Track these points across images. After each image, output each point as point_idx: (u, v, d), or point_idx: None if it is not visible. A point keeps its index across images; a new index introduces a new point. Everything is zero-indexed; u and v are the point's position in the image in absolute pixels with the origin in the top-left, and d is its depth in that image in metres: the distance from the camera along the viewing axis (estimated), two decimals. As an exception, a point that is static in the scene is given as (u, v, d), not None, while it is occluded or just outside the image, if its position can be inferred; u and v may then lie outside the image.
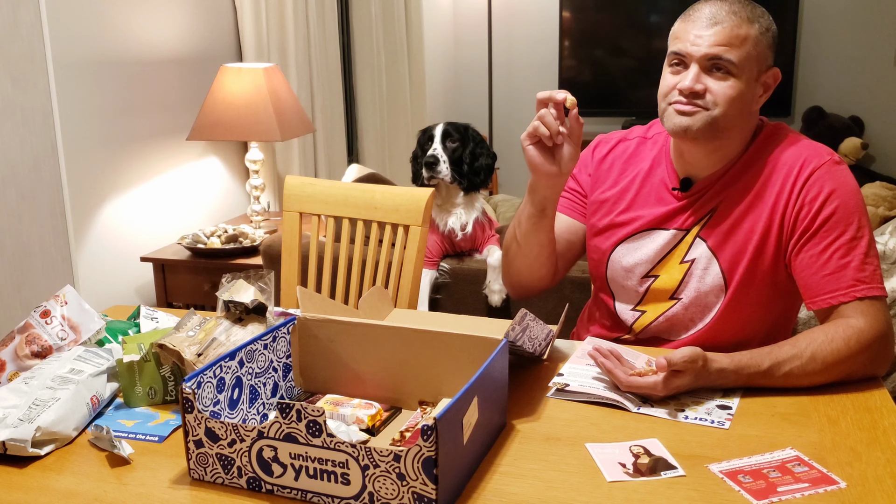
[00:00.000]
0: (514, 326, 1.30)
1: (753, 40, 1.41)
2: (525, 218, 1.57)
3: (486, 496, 1.07)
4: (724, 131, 1.45)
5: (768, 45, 1.44)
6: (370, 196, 2.10)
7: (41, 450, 1.20)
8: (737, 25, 1.40)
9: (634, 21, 5.52)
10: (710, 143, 1.47)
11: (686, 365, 1.28)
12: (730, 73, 1.41)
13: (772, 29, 1.45)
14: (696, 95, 1.42)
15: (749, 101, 1.45)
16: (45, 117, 2.47)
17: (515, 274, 1.67)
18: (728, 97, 1.41)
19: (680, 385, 1.30)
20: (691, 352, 1.28)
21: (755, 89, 1.45)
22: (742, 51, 1.40)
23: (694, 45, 1.42)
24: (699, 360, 1.29)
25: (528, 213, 1.56)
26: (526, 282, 1.67)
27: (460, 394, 1.04)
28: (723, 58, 1.40)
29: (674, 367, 1.27)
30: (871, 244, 1.41)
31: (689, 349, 1.29)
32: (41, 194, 2.47)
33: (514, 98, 5.97)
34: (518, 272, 1.66)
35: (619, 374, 1.32)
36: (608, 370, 1.34)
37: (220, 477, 1.11)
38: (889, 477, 1.08)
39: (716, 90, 1.42)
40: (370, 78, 4.43)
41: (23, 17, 2.37)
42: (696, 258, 1.52)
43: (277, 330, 1.34)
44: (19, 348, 1.42)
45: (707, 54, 1.41)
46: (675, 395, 1.31)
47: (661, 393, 1.29)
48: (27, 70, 2.40)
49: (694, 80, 1.42)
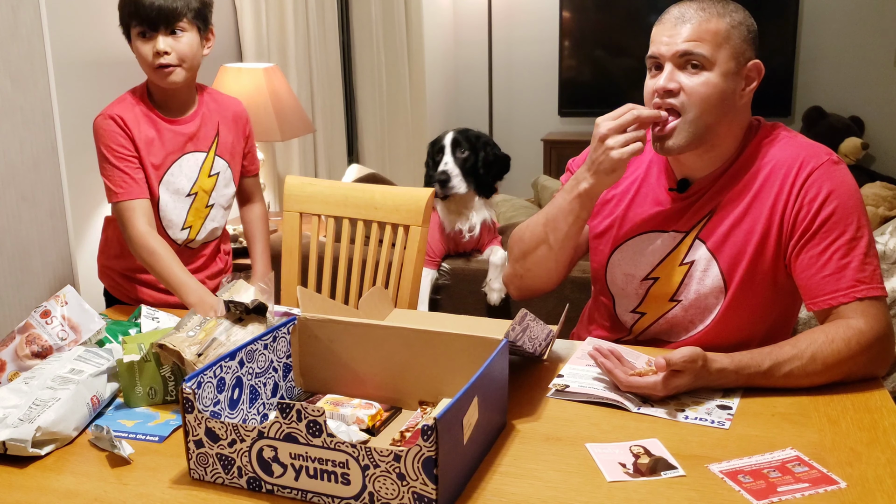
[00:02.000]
0: (514, 326, 1.30)
1: (724, 34, 1.42)
2: (569, 222, 1.53)
3: (486, 496, 1.07)
4: (707, 133, 1.45)
5: (743, 39, 1.44)
6: (370, 196, 2.10)
7: (41, 450, 1.20)
8: (705, 20, 1.42)
9: (634, 21, 5.52)
10: (700, 146, 1.48)
11: (685, 365, 1.28)
12: (703, 66, 1.42)
13: (745, 23, 1.45)
14: (671, 94, 1.44)
15: (730, 94, 1.44)
16: (45, 117, 2.47)
17: (535, 278, 1.64)
18: (702, 92, 1.42)
19: (680, 385, 1.30)
20: (691, 352, 1.28)
21: (735, 83, 1.45)
22: (712, 44, 1.42)
23: (665, 45, 1.44)
24: (699, 360, 1.29)
25: (576, 216, 1.53)
26: (542, 284, 1.66)
27: (460, 394, 1.04)
28: (693, 52, 1.42)
29: (673, 367, 1.28)
30: (870, 244, 1.41)
31: (688, 349, 1.29)
32: (41, 194, 2.47)
33: (514, 98, 5.97)
34: (539, 276, 1.63)
35: (619, 374, 1.32)
36: (608, 370, 1.34)
37: (221, 477, 1.11)
38: (889, 477, 1.08)
39: (689, 85, 1.42)
40: (370, 78, 4.43)
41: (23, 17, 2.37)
42: (696, 260, 1.52)
43: (277, 330, 1.34)
44: (19, 348, 1.42)
45: (678, 51, 1.43)
46: (675, 395, 1.32)
47: (661, 393, 1.30)
48: (27, 70, 2.40)
49: (668, 78, 1.44)
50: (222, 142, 1.98)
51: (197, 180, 1.94)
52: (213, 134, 1.96)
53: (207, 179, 1.96)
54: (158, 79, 1.85)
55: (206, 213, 1.98)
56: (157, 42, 1.80)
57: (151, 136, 1.88)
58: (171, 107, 1.91)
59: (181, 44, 1.82)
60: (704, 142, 1.46)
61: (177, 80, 1.84)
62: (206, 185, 1.96)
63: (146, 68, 1.86)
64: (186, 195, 1.93)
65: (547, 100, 5.86)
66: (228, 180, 2.01)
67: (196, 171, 1.93)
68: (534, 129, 5.88)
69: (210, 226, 2.00)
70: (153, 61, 1.81)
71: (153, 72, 1.84)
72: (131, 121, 1.85)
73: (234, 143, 2.01)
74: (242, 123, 2.04)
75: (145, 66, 1.85)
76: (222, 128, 1.98)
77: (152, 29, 1.80)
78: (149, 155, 1.86)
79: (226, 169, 1.99)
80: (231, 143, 2.00)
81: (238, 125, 2.02)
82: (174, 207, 1.92)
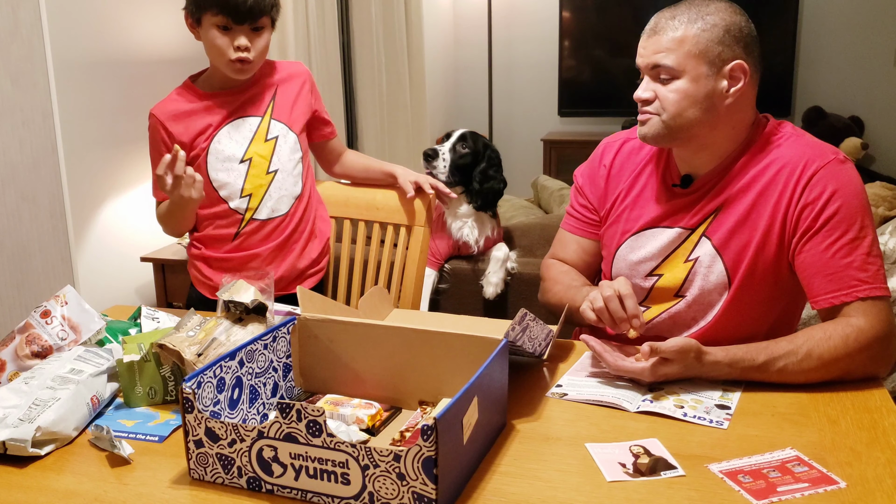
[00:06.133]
0: (514, 326, 1.30)
1: (693, 39, 1.43)
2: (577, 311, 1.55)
3: (486, 496, 1.07)
4: (685, 131, 1.47)
5: (718, 41, 1.44)
6: (371, 197, 2.10)
7: (41, 450, 1.20)
8: (673, 29, 1.45)
9: (634, 21, 5.52)
10: (686, 144, 1.51)
11: (674, 354, 1.32)
12: (672, 76, 1.45)
13: (723, 24, 1.44)
14: (647, 103, 1.50)
15: (707, 96, 1.45)
16: (45, 117, 2.47)
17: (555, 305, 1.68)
18: (673, 99, 1.46)
19: (668, 373, 1.34)
20: (683, 342, 1.32)
21: (712, 84, 1.45)
22: (679, 53, 1.44)
23: (640, 56, 1.50)
24: (691, 352, 1.33)
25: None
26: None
27: (460, 394, 1.04)
28: (661, 64, 1.46)
29: (661, 355, 1.31)
30: (874, 244, 1.41)
31: (681, 339, 1.33)
32: (41, 194, 2.47)
33: (514, 98, 5.97)
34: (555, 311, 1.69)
35: (608, 358, 1.37)
36: (598, 353, 1.38)
37: (221, 477, 1.11)
38: (889, 477, 1.08)
39: (662, 95, 1.47)
40: (370, 78, 4.43)
41: (23, 17, 2.37)
42: (700, 256, 1.52)
43: (277, 330, 1.34)
44: (19, 348, 1.42)
45: (649, 64, 1.48)
46: (675, 392, 1.33)
47: (649, 379, 1.34)
48: (27, 70, 2.40)
49: (643, 89, 1.50)
50: (279, 105, 1.96)
51: (250, 146, 1.91)
52: (269, 99, 1.95)
53: (264, 144, 1.93)
54: (232, 72, 1.86)
55: (269, 179, 1.93)
56: (240, 38, 1.81)
57: (188, 109, 1.90)
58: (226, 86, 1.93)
59: (261, 40, 1.85)
60: (687, 139, 1.49)
61: (249, 75, 1.89)
62: (263, 150, 1.92)
63: (218, 59, 1.86)
64: (240, 161, 1.91)
65: (547, 100, 5.86)
66: (294, 146, 1.97)
67: (248, 136, 1.91)
68: (534, 129, 5.89)
69: (276, 194, 1.94)
70: (231, 55, 1.82)
71: (228, 64, 1.85)
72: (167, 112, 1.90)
73: (295, 103, 1.98)
74: (301, 80, 2.01)
75: (218, 57, 1.86)
76: (280, 90, 1.96)
77: (237, 22, 1.81)
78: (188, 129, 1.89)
79: (286, 132, 1.95)
80: (290, 104, 1.97)
81: (296, 82, 2.00)
82: (228, 175, 1.91)
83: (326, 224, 2.10)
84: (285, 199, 1.96)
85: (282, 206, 1.96)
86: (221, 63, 1.86)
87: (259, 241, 1.96)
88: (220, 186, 1.91)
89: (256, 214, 1.94)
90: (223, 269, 1.95)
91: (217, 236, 1.96)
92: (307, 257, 2.03)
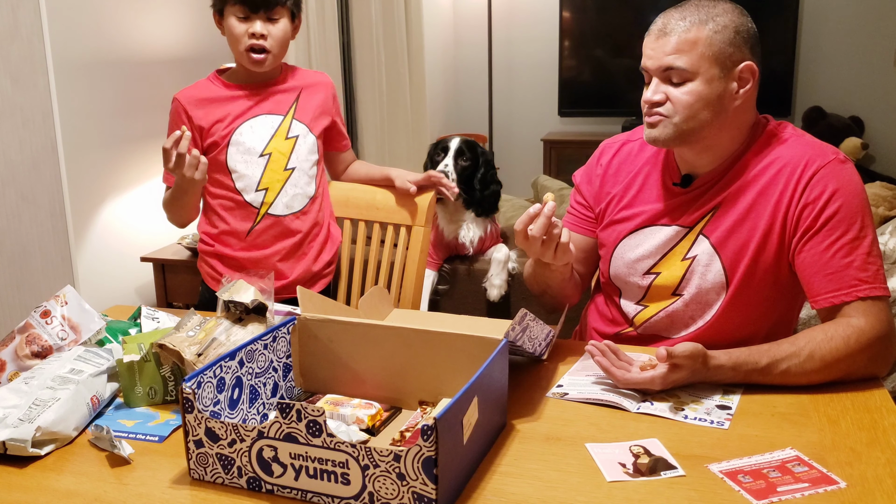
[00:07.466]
0: (514, 326, 1.30)
1: (706, 41, 1.43)
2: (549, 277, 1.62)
3: (486, 496, 1.07)
4: (696, 133, 1.47)
5: (729, 42, 1.43)
6: (371, 197, 2.10)
7: (41, 450, 1.20)
8: (685, 31, 1.43)
9: (634, 21, 5.52)
10: (693, 145, 1.50)
11: (685, 360, 1.31)
12: (685, 78, 1.44)
13: (733, 26, 1.44)
14: (657, 105, 1.48)
15: (717, 98, 1.45)
16: (45, 117, 2.47)
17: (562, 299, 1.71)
18: (685, 102, 1.44)
19: (677, 380, 1.32)
20: (693, 348, 1.30)
21: (723, 86, 1.45)
22: (693, 54, 1.43)
23: (650, 58, 1.48)
24: (699, 358, 1.32)
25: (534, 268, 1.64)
26: (559, 304, 1.72)
27: (460, 394, 1.04)
28: (674, 66, 1.44)
29: (674, 361, 1.30)
30: (874, 244, 1.41)
31: (690, 345, 1.31)
32: (41, 194, 2.47)
33: (514, 98, 5.97)
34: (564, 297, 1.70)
35: (616, 373, 1.34)
36: (605, 368, 1.35)
37: (221, 477, 1.11)
38: (889, 477, 1.08)
39: (674, 97, 1.46)
40: (370, 78, 4.43)
41: (23, 17, 2.37)
42: (698, 255, 1.52)
43: (277, 330, 1.34)
44: (19, 348, 1.42)
45: (660, 66, 1.46)
46: (674, 393, 1.33)
47: (659, 387, 1.32)
48: (27, 70, 2.40)
49: (653, 91, 1.48)
50: (302, 107, 2.01)
51: (270, 141, 1.95)
52: (293, 100, 2.00)
53: (284, 142, 1.97)
54: (249, 63, 1.91)
55: (286, 175, 1.97)
56: (255, 24, 1.88)
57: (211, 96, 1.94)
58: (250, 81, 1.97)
59: (277, 29, 1.90)
60: (695, 141, 1.48)
61: (266, 67, 1.92)
62: (283, 147, 1.97)
63: (236, 48, 1.92)
64: (259, 155, 1.95)
65: (547, 100, 5.86)
66: (312, 147, 2.01)
67: (270, 132, 1.96)
68: (534, 129, 5.89)
69: (292, 191, 1.98)
70: (247, 42, 1.88)
71: (244, 54, 1.90)
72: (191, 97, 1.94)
73: (317, 108, 2.03)
74: (325, 89, 2.07)
75: (236, 46, 1.91)
76: (304, 94, 2.01)
77: (252, 10, 1.88)
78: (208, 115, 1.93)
79: (306, 133, 2.00)
80: (313, 108, 2.02)
81: (320, 89, 2.05)
82: (246, 167, 1.95)
83: (338, 230, 2.15)
84: (300, 197, 2.00)
85: (296, 203, 2.00)
86: (239, 52, 1.92)
87: (273, 239, 1.98)
88: (238, 178, 1.95)
89: (272, 209, 1.97)
90: (236, 268, 1.98)
91: (231, 231, 1.99)
92: (321, 261, 2.06)
